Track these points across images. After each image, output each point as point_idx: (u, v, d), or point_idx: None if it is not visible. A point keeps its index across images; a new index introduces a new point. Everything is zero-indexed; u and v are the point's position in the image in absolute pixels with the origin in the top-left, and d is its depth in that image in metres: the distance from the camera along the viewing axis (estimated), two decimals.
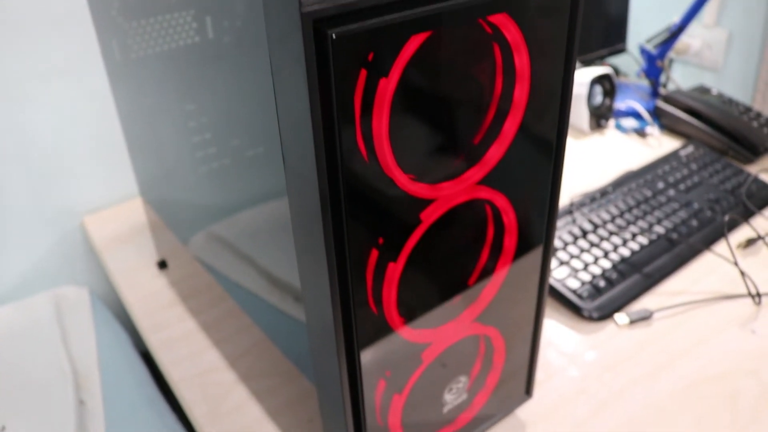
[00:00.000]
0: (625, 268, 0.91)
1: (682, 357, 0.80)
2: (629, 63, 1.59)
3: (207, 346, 0.85)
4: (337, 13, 0.38)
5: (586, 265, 0.91)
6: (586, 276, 0.89)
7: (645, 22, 1.61)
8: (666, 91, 1.37)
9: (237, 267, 0.67)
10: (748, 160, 1.19)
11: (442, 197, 0.47)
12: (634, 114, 1.36)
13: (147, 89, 0.72)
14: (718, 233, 0.98)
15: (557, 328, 0.85)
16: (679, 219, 1.00)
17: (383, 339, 0.51)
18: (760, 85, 1.50)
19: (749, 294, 0.88)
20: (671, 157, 1.17)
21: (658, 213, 1.01)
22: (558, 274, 0.89)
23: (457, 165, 0.47)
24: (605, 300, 0.87)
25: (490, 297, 0.57)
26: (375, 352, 0.51)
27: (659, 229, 0.98)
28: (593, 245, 0.94)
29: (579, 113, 1.30)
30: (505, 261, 0.56)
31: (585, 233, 0.96)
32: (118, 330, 1.01)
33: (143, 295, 0.95)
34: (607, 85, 1.32)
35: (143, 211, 1.01)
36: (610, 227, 0.97)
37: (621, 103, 1.37)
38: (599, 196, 1.05)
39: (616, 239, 0.95)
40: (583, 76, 1.28)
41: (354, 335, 0.48)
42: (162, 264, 0.98)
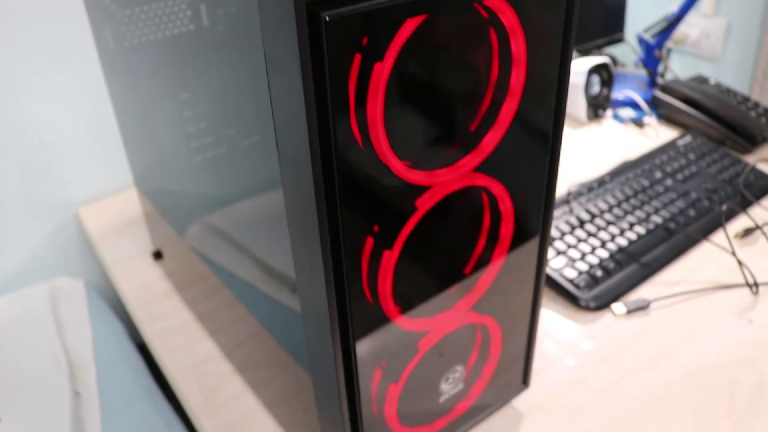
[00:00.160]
0: (623, 257, 0.90)
1: (679, 347, 0.80)
2: (627, 53, 1.59)
3: (202, 336, 0.85)
4: None
5: (583, 255, 0.90)
6: (583, 266, 0.89)
7: (643, 11, 1.61)
8: (664, 81, 1.37)
9: (233, 257, 0.66)
10: (745, 149, 1.18)
11: (437, 184, 0.46)
12: (631, 104, 1.35)
13: (141, 79, 0.71)
14: (715, 223, 0.98)
15: (554, 317, 0.85)
16: (677, 209, 1.00)
17: (379, 328, 0.50)
18: (758, 75, 1.49)
19: (747, 284, 0.88)
20: (669, 147, 1.16)
21: (655, 203, 1.01)
22: (555, 263, 0.89)
23: (453, 152, 0.47)
24: (602, 290, 0.86)
25: (486, 286, 0.56)
26: (370, 341, 0.51)
27: (657, 219, 0.97)
28: (590, 235, 0.94)
29: (576, 103, 1.29)
30: (502, 250, 0.56)
31: (582, 223, 0.96)
32: (113, 321, 1.01)
33: (138, 286, 0.95)
34: (605, 75, 1.31)
35: (138, 202, 1.00)
36: (607, 217, 0.97)
37: (618, 93, 1.37)
38: (596, 185, 1.05)
39: (613, 229, 0.95)
40: (581, 65, 1.27)
41: (349, 324, 0.48)
42: (157, 254, 0.97)
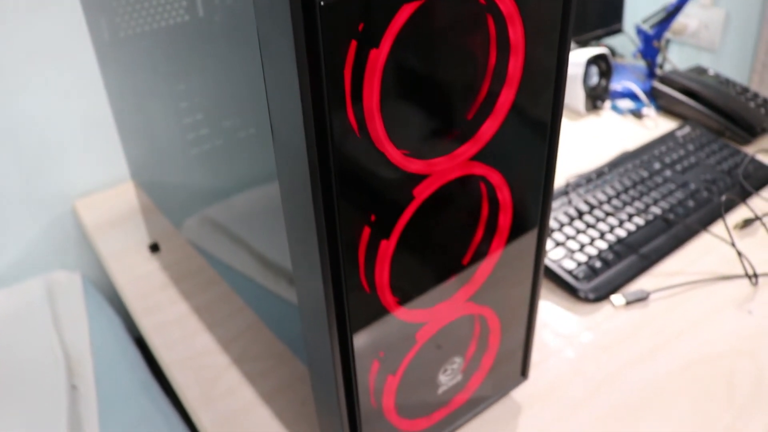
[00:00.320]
0: (622, 248, 0.90)
1: (678, 338, 0.80)
2: (625, 43, 1.58)
3: (200, 329, 0.85)
4: None
5: (582, 246, 0.90)
6: (582, 257, 0.88)
7: (641, 2, 1.60)
8: (662, 72, 1.36)
9: (230, 249, 0.66)
10: (744, 140, 1.18)
11: (435, 173, 0.46)
12: (630, 95, 1.35)
13: (137, 70, 0.70)
14: (714, 214, 0.98)
15: (553, 309, 0.84)
16: (676, 199, 0.99)
17: (376, 319, 0.50)
18: (757, 66, 1.49)
19: (746, 275, 0.88)
20: (668, 138, 1.16)
21: (654, 193, 1.01)
22: (554, 254, 0.89)
23: (451, 140, 0.46)
24: (601, 281, 0.86)
25: (484, 276, 0.56)
26: (368, 332, 0.50)
27: (656, 210, 0.97)
28: (589, 226, 0.93)
29: (575, 94, 1.29)
30: (500, 240, 0.55)
31: (581, 214, 0.95)
32: (110, 314, 1.01)
33: (135, 279, 0.95)
34: (603, 66, 1.30)
35: (135, 195, 1.00)
36: (606, 208, 0.97)
37: (617, 84, 1.36)
38: (595, 176, 1.04)
39: (612, 220, 0.95)
40: (579, 56, 1.27)
41: (346, 315, 0.48)
42: (154, 247, 0.97)
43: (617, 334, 0.80)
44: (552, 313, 0.84)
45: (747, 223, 0.97)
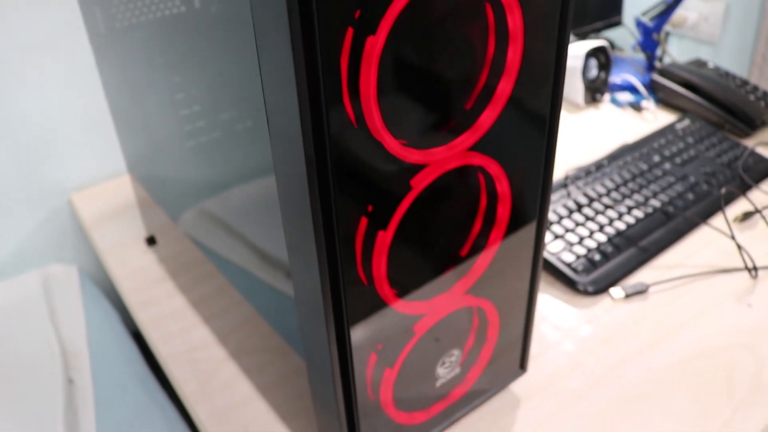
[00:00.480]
0: (621, 241, 0.90)
1: (678, 331, 0.79)
2: (625, 36, 1.57)
3: (196, 322, 0.84)
4: None
5: (581, 239, 0.89)
6: (581, 250, 0.88)
7: None
8: (662, 65, 1.36)
9: (226, 242, 0.65)
10: (744, 133, 1.17)
11: (433, 163, 0.45)
12: (629, 88, 1.34)
13: (133, 62, 0.70)
14: (714, 206, 0.97)
15: (552, 302, 0.84)
16: (675, 192, 0.99)
17: (373, 311, 0.50)
18: (757, 59, 1.48)
19: (746, 267, 0.87)
20: (667, 131, 1.15)
21: (653, 186, 1.00)
22: (552, 247, 0.88)
23: (449, 130, 0.45)
24: (600, 274, 0.85)
25: (483, 268, 0.56)
26: (365, 324, 0.50)
27: (655, 203, 0.97)
28: (588, 219, 0.93)
29: (574, 87, 1.28)
30: (499, 232, 0.55)
31: (580, 207, 0.95)
32: (107, 308, 1.00)
33: (132, 272, 0.94)
34: (603, 59, 1.30)
35: (131, 188, 0.99)
36: (605, 200, 0.96)
37: (616, 77, 1.36)
38: (594, 169, 1.04)
39: (611, 212, 0.94)
40: (578, 49, 1.26)
41: (343, 307, 0.47)
42: (151, 240, 0.96)
43: (616, 327, 0.80)
44: (551, 306, 0.83)
45: (747, 216, 0.96)
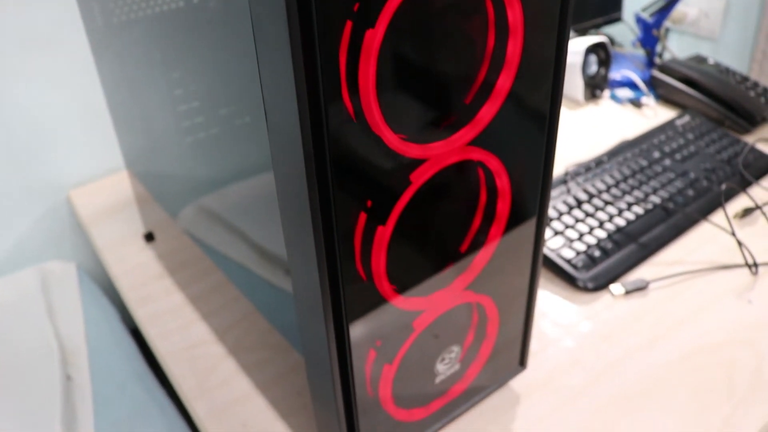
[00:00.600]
0: (621, 237, 0.89)
1: (678, 327, 0.79)
2: (625, 33, 1.57)
3: (195, 319, 0.84)
4: None
5: (581, 235, 0.89)
6: (580, 246, 0.87)
7: None
8: (662, 61, 1.35)
9: (225, 238, 0.65)
10: (744, 129, 1.17)
11: (432, 158, 0.45)
12: (629, 84, 1.34)
13: (130, 57, 0.69)
14: (714, 203, 0.97)
15: (552, 298, 0.84)
16: (675, 188, 0.99)
17: (373, 307, 0.49)
18: (757, 55, 1.48)
19: (746, 264, 0.87)
20: (667, 127, 1.15)
21: (654, 183, 1.00)
22: (552, 243, 0.88)
23: (448, 124, 0.45)
24: (600, 270, 0.85)
25: (482, 264, 0.55)
26: (364, 320, 0.49)
27: (655, 199, 0.96)
28: (588, 215, 0.93)
29: (573, 83, 1.28)
30: (498, 227, 0.55)
31: (580, 203, 0.95)
32: (105, 305, 1.00)
33: (130, 268, 0.94)
34: (602, 55, 1.29)
35: (130, 184, 0.99)
36: (605, 197, 0.96)
37: (616, 73, 1.35)
38: (594, 165, 1.03)
39: (611, 209, 0.94)
40: (578, 45, 1.26)
41: (342, 303, 0.47)
42: (149, 236, 0.96)
43: (616, 323, 0.80)
44: (551, 303, 0.83)
45: (747, 213, 0.96)
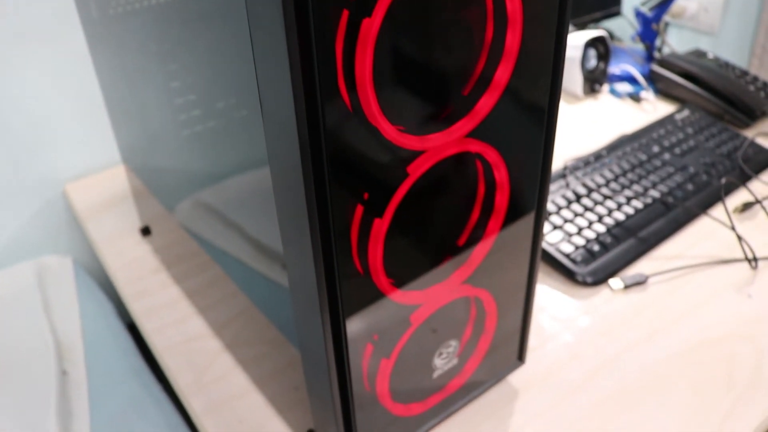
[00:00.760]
0: (620, 232, 0.89)
1: (677, 322, 0.79)
2: (624, 27, 1.56)
3: (191, 313, 0.83)
4: None
5: (579, 230, 0.89)
6: (579, 240, 0.87)
7: None
8: (661, 55, 1.35)
9: (221, 232, 0.64)
10: (744, 124, 1.16)
11: (430, 149, 0.44)
12: (628, 78, 1.33)
13: (126, 49, 0.68)
14: (714, 197, 0.97)
15: (550, 293, 0.83)
16: (675, 183, 0.98)
17: (369, 300, 0.49)
18: (756, 49, 1.47)
19: (746, 258, 0.87)
20: (666, 121, 1.14)
21: (653, 177, 0.99)
22: (551, 238, 0.87)
23: (446, 115, 0.45)
24: (599, 265, 0.85)
25: (480, 258, 0.55)
26: (361, 314, 0.49)
27: (654, 193, 0.96)
28: (587, 209, 0.92)
29: (572, 77, 1.27)
30: (497, 221, 0.54)
31: (579, 197, 0.94)
32: (101, 299, 0.99)
33: (126, 262, 0.93)
34: (601, 49, 1.29)
35: (126, 178, 0.98)
36: (604, 191, 0.95)
37: (615, 68, 1.35)
38: (593, 159, 1.03)
39: (610, 203, 0.93)
40: (577, 39, 1.25)
41: (338, 296, 0.46)
42: (145, 230, 0.95)
43: (615, 318, 0.79)
44: (549, 297, 0.83)
45: (746, 207, 0.95)
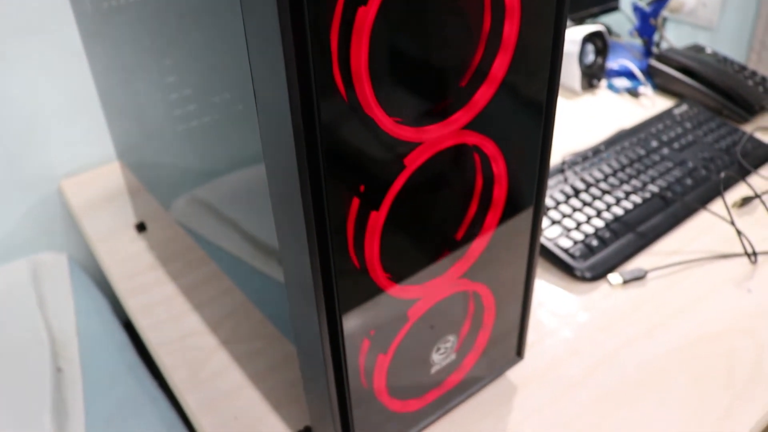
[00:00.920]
0: (619, 227, 0.88)
1: (677, 317, 0.78)
2: (622, 22, 1.56)
3: (187, 309, 0.83)
4: None
5: (578, 225, 0.88)
6: (578, 235, 0.86)
7: None
8: (659, 50, 1.34)
9: (217, 228, 0.64)
10: (743, 119, 1.16)
11: (426, 141, 0.44)
12: (626, 73, 1.33)
13: (120, 44, 0.68)
14: (712, 192, 0.96)
15: (549, 288, 0.83)
16: (674, 178, 0.98)
17: (366, 295, 0.48)
18: (755, 44, 1.47)
19: (745, 253, 0.86)
20: (665, 116, 1.14)
21: (651, 172, 0.99)
22: (550, 233, 0.87)
23: (443, 107, 0.44)
24: (598, 260, 0.84)
25: (478, 252, 0.54)
26: (358, 309, 0.48)
27: (653, 188, 0.95)
28: (586, 204, 0.92)
29: (570, 72, 1.26)
30: (495, 215, 0.53)
31: (577, 192, 0.94)
32: (97, 296, 0.99)
33: (122, 259, 0.92)
34: (599, 44, 1.28)
35: (121, 174, 0.98)
36: (602, 186, 0.95)
37: (613, 63, 1.34)
38: (592, 154, 1.02)
39: (609, 198, 0.93)
40: (575, 33, 1.24)
41: (334, 291, 0.46)
42: (141, 227, 0.95)
43: (614, 313, 0.79)
44: (548, 293, 0.82)
45: (746, 202, 0.95)
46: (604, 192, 0.94)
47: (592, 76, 1.29)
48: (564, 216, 0.89)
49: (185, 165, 0.65)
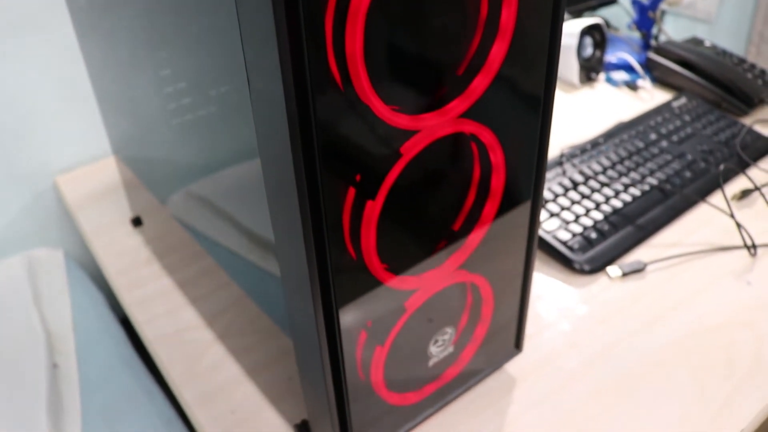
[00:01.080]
0: (618, 219, 0.88)
1: (676, 309, 0.78)
2: (620, 15, 1.55)
3: (183, 304, 0.82)
4: None
5: (577, 217, 0.88)
6: (577, 228, 0.86)
7: None
8: (658, 43, 1.33)
9: (213, 222, 0.63)
10: (742, 111, 1.15)
11: (423, 129, 0.43)
12: (625, 66, 1.32)
13: (115, 37, 0.67)
14: (712, 184, 0.96)
15: (548, 281, 0.82)
16: (673, 170, 0.97)
17: (363, 286, 0.48)
18: (754, 37, 1.46)
19: (744, 245, 0.86)
20: (664, 109, 1.13)
21: (650, 164, 0.98)
22: (548, 225, 0.86)
23: (440, 95, 0.43)
24: (597, 252, 0.84)
25: (476, 243, 0.54)
26: (354, 300, 0.48)
27: (652, 181, 0.95)
28: (584, 197, 0.91)
29: (569, 65, 1.26)
30: (493, 205, 0.53)
31: (576, 185, 0.93)
32: (93, 292, 0.98)
33: (118, 253, 0.92)
34: (598, 37, 1.27)
35: (117, 169, 0.97)
36: (601, 178, 0.94)
37: (612, 56, 1.33)
38: (590, 147, 1.02)
39: (607, 191, 0.92)
40: (573, 26, 1.24)
41: (330, 282, 0.45)
42: (136, 221, 0.94)
43: (613, 306, 0.78)
44: (547, 285, 0.82)
45: (745, 194, 0.94)
46: (602, 184, 0.93)
47: (590, 69, 1.28)
48: (563, 209, 0.89)
49: (181, 159, 0.64)
